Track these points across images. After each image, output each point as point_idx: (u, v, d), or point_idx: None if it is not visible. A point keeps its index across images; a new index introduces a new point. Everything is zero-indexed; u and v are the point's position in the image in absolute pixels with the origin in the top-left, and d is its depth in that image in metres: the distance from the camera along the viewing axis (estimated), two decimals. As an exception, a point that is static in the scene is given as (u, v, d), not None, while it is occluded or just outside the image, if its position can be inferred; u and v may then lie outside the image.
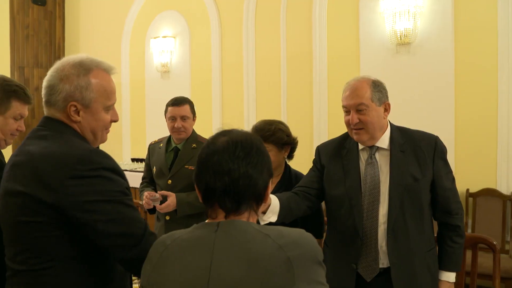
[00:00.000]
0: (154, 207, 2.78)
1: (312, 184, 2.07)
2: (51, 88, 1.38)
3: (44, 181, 1.24)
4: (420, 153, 1.92)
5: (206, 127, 5.28)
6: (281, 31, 4.77)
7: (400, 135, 1.96)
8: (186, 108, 2.88)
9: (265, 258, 1.02)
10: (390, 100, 1.97)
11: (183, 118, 2.87)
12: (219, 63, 5.29)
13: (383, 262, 1.90)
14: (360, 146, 1.99)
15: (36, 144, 1.33)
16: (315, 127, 4.57)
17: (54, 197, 1.23)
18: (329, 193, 2.04)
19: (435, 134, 2.00)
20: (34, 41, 6.63)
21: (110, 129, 1.49)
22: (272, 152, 2.25)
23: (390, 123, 2.00)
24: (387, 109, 1.95)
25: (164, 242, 1.15)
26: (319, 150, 2.14)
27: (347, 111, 1.95)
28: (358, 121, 1.90)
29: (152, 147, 3.06)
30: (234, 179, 1.11)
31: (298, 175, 2.42)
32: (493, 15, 3.64)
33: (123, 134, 6.16)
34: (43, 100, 1.41)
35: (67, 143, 1.33)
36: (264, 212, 1.85)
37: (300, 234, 1.10)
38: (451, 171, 1.98)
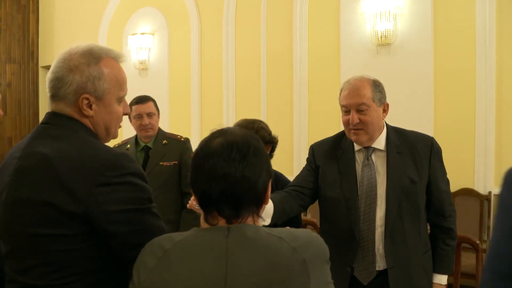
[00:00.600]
0: None
1: (306, 184, 2.02)
2: (59, 80, 1.24)
3: (68, 189, 1.12)
4: (416, 155, 1.90)
5: (185, 125, 5.22)
6: (262, 30, 4.75)
7: (396, 136, 1.94)
8: (150, 105, 2.88)
9: (283, 261, 1.00)
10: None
11: (149, 115, 2.87)
12: (198, 61, 5.23)
13: (380, 265, 1.87)
14: (356, 147, 1.95)
15: (49, 146, 1.19)
16: (295, 126, 4.56)
17: (81, 206, 1.12)
18: (324, 194, 1.99)
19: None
20: (6, 35, 6.43)
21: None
22: None
23: (386, 124, 1.97)
24: (385, 110, 1.92)
25: (161, 245, 1.07)
26: (314, 149, 2.09)
27: (347, 110, 1.89)
28: (358, 121, 1.85)
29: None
30: (231, 184, 1.05)
31: (277, 174, 2.42)
32: (471, 16, 3.70)
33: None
34: (49, 94, 1.27)
35: (86, 144, 1.21)
36: None
37: (309, 234, 1.08)
38: (446, 173, 1.97)
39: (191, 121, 5.24)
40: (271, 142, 2.34)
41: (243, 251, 1.02)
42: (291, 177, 4.58)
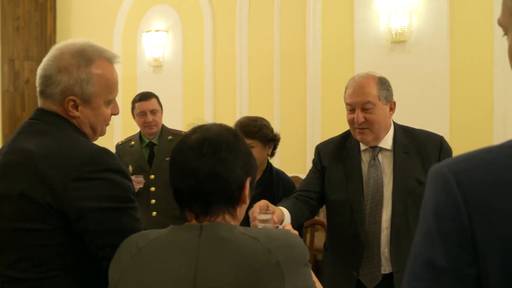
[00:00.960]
0: None
1: (313, 187, 1.97)
2: (47, 78, 1.23)
3: (47, 184, 1.12)
4: (424, 154, 1.82)
5: (198, 123, 5.22)
6: (275, 27, 4.71)
7: (404, 135, 1.87)
8: (154, 102, 2.89)
9: (255, 263, 0.96)
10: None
11: (153, 112, 2.87)
12: (212, 57, 5.22)
13: (385, 268, 1.82)
14: (362, 147, 1.89)
15: (33, 141, 1.19)
16: (308, 123, 4.52)
17: (57, 201, 1.12)
18: (329, 197, 1.94)
19: (430, 132, 1.94)
20: (24, 33, 6.52)
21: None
22: (257, 149, 2.24)
23: (394, 122, 1.91)
24: (392, 108, 1.85)
25: (136, 243, 1.05)
26: (319, 149, 2.03)
27: (352, 109, 1.84)
28: (364, 120, 1.79)
29: (121, 147, 3.01)
30: (200, 180, 1.02)
31: (279, 173, 2.39)
32: (489, 12, 3.60)
33: (114, 129, 6.07)
34: (38, 89, 1.26)
35: (69, 140, 1.20)
36: (277, 227, 1.78)
37: (287, 235, 1.04)
38: None
39: (204, 118, 5.24)
40: (273, 140, 2.32)
41: (214, 252, 0.99)
42: (303, 175, 4.56)
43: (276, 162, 4.63)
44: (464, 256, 0.65)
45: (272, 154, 2.37)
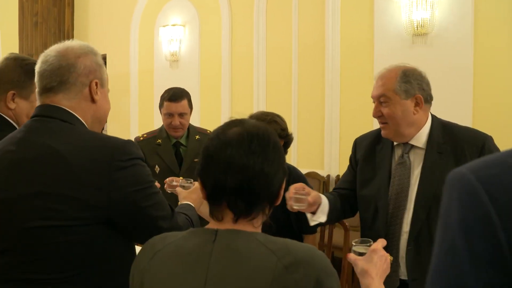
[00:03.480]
0: None
1: (348, 185, 1.91)
2: (67, 67, 1.24)
3: (82, 179, 1.14)
4: (461, 156, 1.67)
5: (215, 118, 5.19)
6: (293, 21, 4.64)
7: (442, 133, 1.74)
8: (184, 104, 2.66)
9: (264, 279, 0.91)
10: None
11: (181, 115, 2.66)
12: (229, 52, 5.17)
13: (404, 274, 1.72)
14: (395, 142, 1.79)
15: (53, 138, 1.19)
16: (326, 118, 4.44)
17: (101, 194, 1.15)
18: (358, 192, 1.86)
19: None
20: (43, 28, 6.56)
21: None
22: None
23: (433, 119, 1.79)
24: (419, 103, 1.72)
25: (154, 246, 1.04)
26: (356, 144, 1.96)
27: (374, 102, 1.77)
28: (380, 114, 1.71)
29: (145, 144, 2.74)
30: (249, 177, 0.98)
31: (290, 167, 2.31)
32: (516, 4, 3.48)
33: (131, 123, 6.09)
34: (44, 87, 1.25)
35: (91, 135, 1.24)
36: (314, 213, 1.71)
37: (307, 252, 0.97)
38: None
39: (221, 113, 5.20)
40: (282, 137, 2.21)
41: (226, 261, 0.95)
42: (322, 171, 4.50)
43: (294, 157, 4.58)
44: (500, 278, 0.56)
45: (285, 152, 2.31)
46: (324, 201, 1.71)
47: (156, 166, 2.75)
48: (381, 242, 1.33)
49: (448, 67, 3.74)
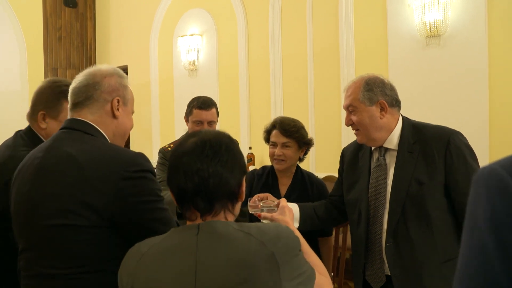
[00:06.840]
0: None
1: (338, 192, 2.06)
2: (91, 86, 1.40)
3: (93, 183, 1.25)
4: (430, 153, 1.76)
5: (234, 124, 5.27)
6: (307, 26, 4.69)
7: (412, 133, 1.82)
8: (213, 112, 2.67)
9: (250, 256, 1.04)
10: (419, 96, 1.88)
11: (210, 123, 2.65)
12: (246, 60, 5.25)
13: (388, 270, 1.82)
14: (372, 147, 1.91)
15: (74, 146, 1.32)
16: (343, 124, 4.47)
17: (105, 198, 1.25)
18: (345, 197, 1.99)
19: (468, 130, 1.86)
20: (66, 42, 6.78)
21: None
22: (292, 149, 2.29)
23: (404, 120, 1.87)
24: (384, 108, 1.81)
25: (140, 249, 1.14)
26: (343, 152, 2.10)
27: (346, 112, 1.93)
28: (351, 122, 1.85)
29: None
30: (204, 178, 1.11)
31: (310, 175, 2.40)
32: (530, 3, 3.46)
33: (152, 132, 6.22)
34: (73, 103, 1.41)
35: (107, 146, 1.36)
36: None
37: (277, 227, 1.13)
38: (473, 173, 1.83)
39: (240, 120, 5.28)
40: (308, 144, 2.36)
41: (212, 247, 1.07)
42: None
43: (311, 162, 4.62)
44: None
45: (302, 159, 2.39)
46: (295, 209, 1.89)
47: None
48: (283, 201, 1.70)
49: (462, 68, 3.72)
